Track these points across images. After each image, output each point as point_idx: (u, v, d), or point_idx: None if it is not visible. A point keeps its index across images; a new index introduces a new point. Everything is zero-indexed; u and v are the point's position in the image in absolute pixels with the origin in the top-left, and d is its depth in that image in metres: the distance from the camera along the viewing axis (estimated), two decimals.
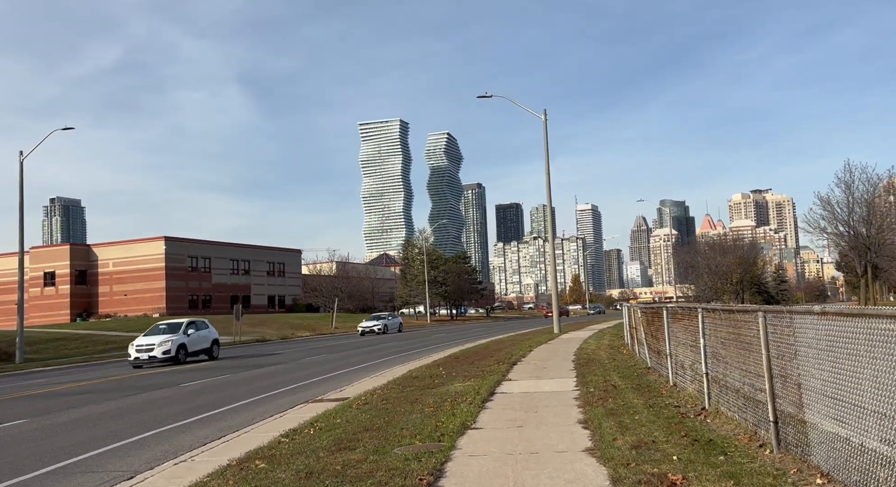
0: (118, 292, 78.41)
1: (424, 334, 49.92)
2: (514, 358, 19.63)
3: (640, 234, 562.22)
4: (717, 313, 8.31)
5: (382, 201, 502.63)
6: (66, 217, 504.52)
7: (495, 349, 24.18)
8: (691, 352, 9.97)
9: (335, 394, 14.75)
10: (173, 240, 79.16)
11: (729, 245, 73.77)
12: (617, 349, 21.25)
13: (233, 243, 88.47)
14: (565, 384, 13.50)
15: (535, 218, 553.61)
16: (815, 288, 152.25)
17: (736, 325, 7.35)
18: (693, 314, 9.59)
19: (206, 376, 21.77)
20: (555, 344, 25.95)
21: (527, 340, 29.74)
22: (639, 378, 13.08)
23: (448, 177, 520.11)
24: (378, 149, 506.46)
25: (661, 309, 11.78)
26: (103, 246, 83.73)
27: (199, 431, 11.36)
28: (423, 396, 12.63)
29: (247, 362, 27.95)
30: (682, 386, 10.72)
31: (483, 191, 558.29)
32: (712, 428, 7.80)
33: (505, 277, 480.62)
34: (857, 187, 42.22)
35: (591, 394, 11.40)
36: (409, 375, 16.81)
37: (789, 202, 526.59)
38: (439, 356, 23.49)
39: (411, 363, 21.65)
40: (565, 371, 15.84)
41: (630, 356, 17.80)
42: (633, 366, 15.44)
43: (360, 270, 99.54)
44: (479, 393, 12.36)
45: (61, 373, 28.40)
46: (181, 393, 17.10)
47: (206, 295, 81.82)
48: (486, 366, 17.73)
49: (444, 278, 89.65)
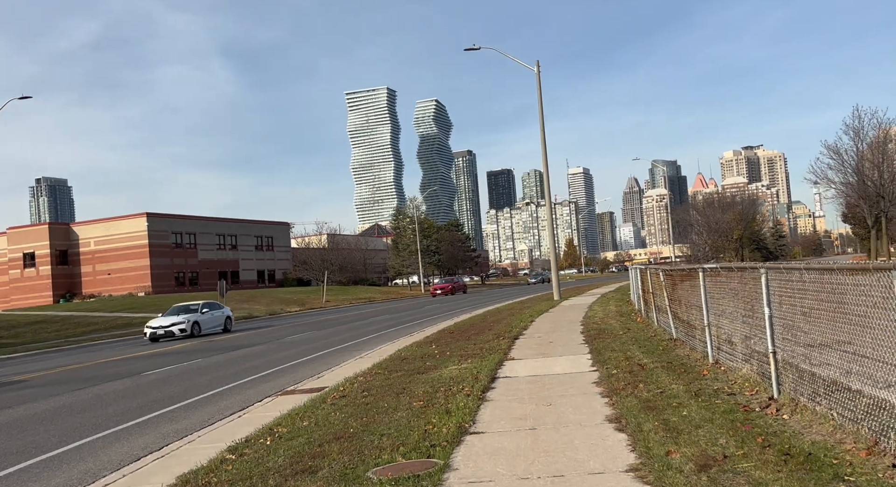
0: (101, 271, 76.05)
1: (417, 304, 48.01)
2: (514, 331, 17.63)
3: (632, 196, 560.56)
4: (794, 273, 6.19)
5: (372, 171, 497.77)
6: (52, 197, 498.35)
7: (493, 321, 22.20)
8: (744, 324, 7.91)
9: (311, 382, 12.72)
10: (156, 216, 76.56)
11: (728, 201, 71.78)
12: (628, 316, 19.27)
13: (218, 218, 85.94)
14: (579, 362, 11.48)
15: (527, 184, 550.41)
16: (811, 243, 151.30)
17: (838, 290, 5.24)
18: (747, 276, 7.51)
19: (176, 361, 19.72)
20: (557, 313, 23.99)
21: (526, 309, 27.80)
22: (666, 354, 11.06)
23: (438, 145, 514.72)
24: (366, 119, 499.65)
25: (697, 271, 9.70)
26: (84, 225, 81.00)
27: (137, 439, 9.31)
28: (411, 384, 10.59)
29: (227, 342, 25.92)
30: (729, 366, 8.68)
31: (474, 158, 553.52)
32: (797, 431, 5.76)
33: (499, 243, 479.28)
34: (867, 133, 40.16)
35: (615, 376, 9.37)
36: (398, 355, 14.79)
37: (781, 158, 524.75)
38: (432, 330, 21.50)
39: (401, 340, 19.64)
40: (576, 346, 13.83)
41: (646, 325, 15.81)
42: (653, 338, 13.43)
43: (350, 241, 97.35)
44: (477, 379, 10.33)
45: (31, 360, 26.34)
46: (139, 385, 15.05)
47: (193, 272, 79.55)
48: (484, 342, 15.72)
49: (437, 246, 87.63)
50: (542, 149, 31.40)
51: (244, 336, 28.53)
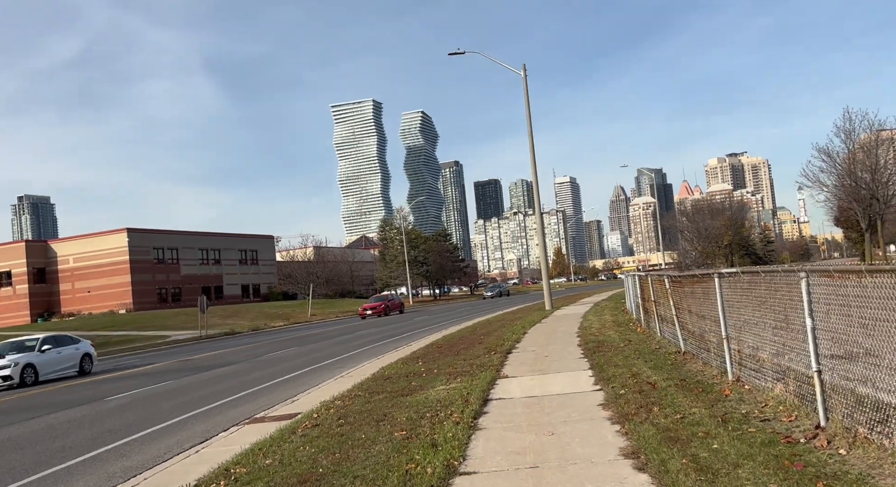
0: (81, 289, 74.16)
1: (405, 317, 46.76)
2: (506, 344, 16.50)
3: (618, 204, 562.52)
4: (848, 277, 5.13)
5: (359, 183, 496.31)
6: (35, 215, 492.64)
7: (483, 333, 21.06)
8: (775, 337, 6.84)
9: (284, 407, 11.51)
10: (136, 231, 74.90)
11: (717, 207, 71.23)
12: (626, 326, 18.20)
13: (201, 232, 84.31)
14: (580, 380, 10.37)
15: (514, 193, 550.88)
16: (799, 247, 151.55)
17: None
18: (779, 281, 6.45)
19: (143, 384, 18.40)
20: (550, 323, 22.89)
21: (517, 319, 26.67)
22: (677, 369, 9.97)
23: (425, 156, 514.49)
24: (352, 131, 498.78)
25: (710, 277, 8.63)
26: (62, 241, 79.12)
27: (77, 482, 8.09)
28: (393, 409, 9.43)
29: (202, 361, 24.59)
30: (755, 385, 7.60)
31: (461, 169, 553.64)
32: (864, 473, 4.66)
33: (487, 253, 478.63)
34: (859, 135, 39.57)
35: (623, 398, 8.26)
36: (381, 374, 13.61)
37: (765, 164, 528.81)
38: (420, 344, 20.32)
39: (387, 355, 18.45)
40: (574, 360, 12.72)
41: (648, 337, 14.73)
42: (657, 350, 12.35)
43: (336, 254, 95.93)
44: (468, 402, 9.18)
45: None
46: (98, 412, 13.76)
47: (175, 288, 77.84)
48: (474, 357, 14.57)
49: (425, 257, 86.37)
50: (531, 152, 30.42)
51: (221, 355, 27.19)
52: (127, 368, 25.25)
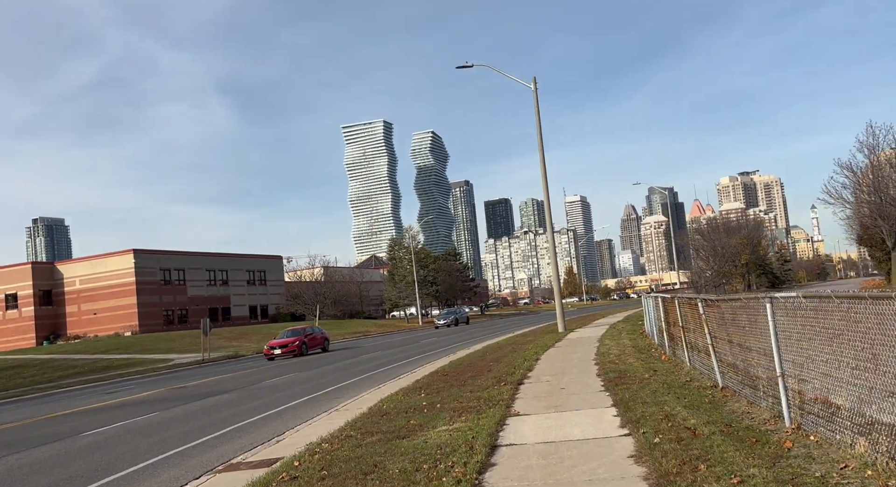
0: (87, 311, 73.32)
1: (413, 338, 45.32)
2: (517, 373, 15.11)
3: (629, 223, 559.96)
4: None
5: (370, 203, 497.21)
6: (49, 237, 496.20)
7: (493, 359, 19.65)
8: (855, 378, 5.47)
9: (266, 450, 10.18)
10: (143, 252, 74.13)
11: (733, 225, 69.55)
12: (647, 352, 16.76)
13: (208, 253, 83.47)
14: (603, 420, 8.98)
15: (525, 213, 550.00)
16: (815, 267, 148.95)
17: None
18: (867, 310, 5.09)
19: (128, 415, 17.10)
20: (564, 348, 21.45)
21: (529, 342, 25.26)
22: (717, 410, 8.56)
23: (435, 176, 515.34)
24: (363, 151, 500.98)
25: (761, 301, 7.26)
26: (69, 263, 78.56)
27: None
28: (386, 457, 8.08)
29: (197, 389, 23.29)
30: (825, 436, 6.20)
31: (471, 188, 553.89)
32: None
33: (498, 273, 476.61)
34: (883, 149, 38.12)
35: (659, 448, 6.88)
36: (379, 409, 12.25)
37: (777, 183, 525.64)
38: (424, 371, 18.95)
39: (388, 384, 17.08)
40: (594, 394, 11.32)
41: (675, 366, 13.30)
42: (689, 384, 10.93)
43: (345, 274, 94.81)
44: (473, 449, 7.82)
45: None
46: (68, 451, 12.46)
47: (182, 309, 76.81)
48: (482, 389, 13.19)
49: (435, 277, 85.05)
50: (542, 166, 29.17)
51: (219, 381, 25.89)
52: (119, 395, 24.00)
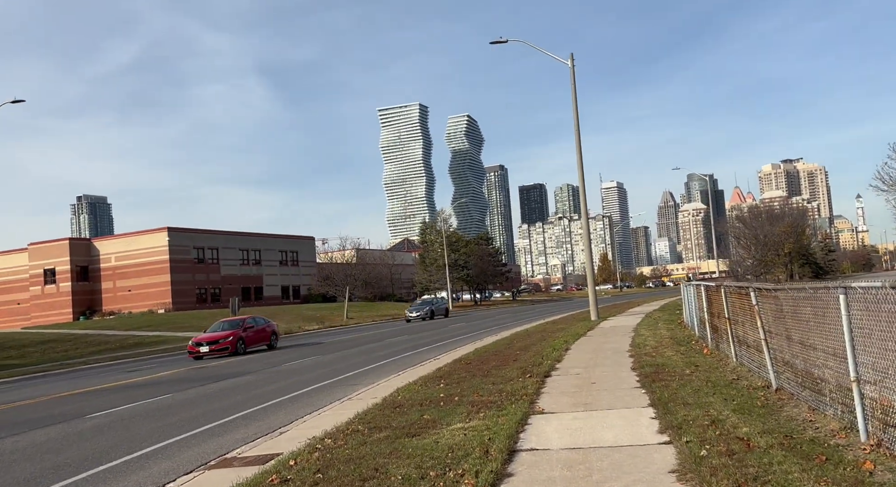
0: (122, 287, 74.28)
1: (441, 324, 44.54)
2: (545, 364, 14.08)
3: (667, 210, 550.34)
4: None
5: (404, 186, 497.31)
6: (93, 215, 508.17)
7: (520, 348, 18.64)
8: None
9: (266, 443, 9.37)
10: (177, 231, 74.64)
11: (776, 213, 66.98)
12: (687, 345, 15.56)
13: (241, 233, 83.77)
14: (639, 422, 7.92)
15: (560, 198, 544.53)
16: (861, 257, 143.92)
17: None
18: None
19: (141, 396, 16.57)
20: (597, 337, 20.32)
21: (559, 330, 24.17)
22: (772, 415, 7.44)
23: (470, 160, 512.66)
24: (398, 134, 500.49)
25: (833, 292, 6.11)
26: (105, 240, 79.63)
27: None
28: (390, 460, 7.16)
29: (217, 370, 22.80)
30: None
31: (506, 173, 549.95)
32: None
33: (531, 258, 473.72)
34: None
35: (706, 463, 5.82)
36: (393, 400, 11.37)
37: (821, 171, 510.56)
38: (448, 358, 18.04)
39: (408, 372, 16.22)
40: (628, 391, 10.24)
41: (718, 361, 12.12)
42: (736, 382, 9.78)
43: (377, 256, 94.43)
44: (487, 455, 6.86)
45: (4, 389, 23.57)
46: (67, 435, 11.87)
47: (215, 288, 77.32)
48: (505, 380, 12.20)
49: (466, 261, 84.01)
50: (577, 148, 27.83)
51: (239, 361, 25.41)
52: (140, 374, 23.65)
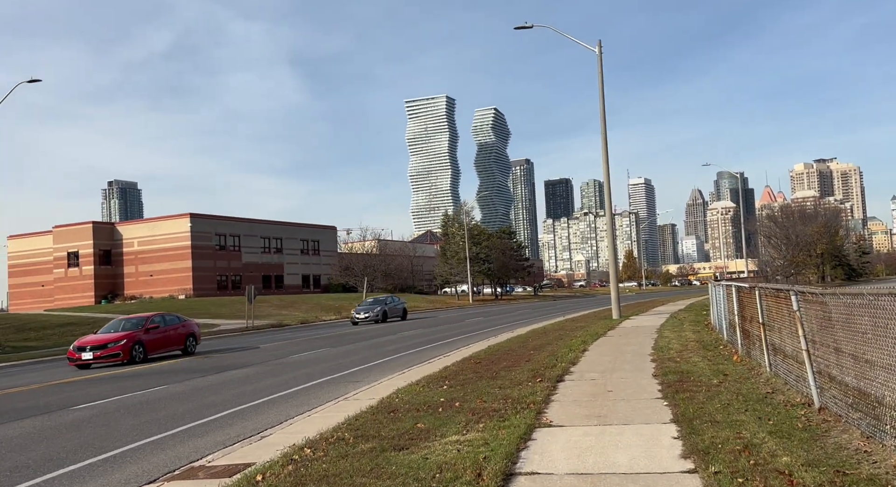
0: (144, 272, 74.53)
1: (458, 317, 43.57)
2: (559, 367, 13.03)
3: (695, 208, 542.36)
4: None
5: (429, 179, 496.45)
6: (123, 200, 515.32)
7: (535, 347, 17.59)
8: None
9: (240, 451, 8.48)
10: (199, 217, 74.63)
11: (809, 212, 64.76)
12: (714, 350, 14.38)
13: (263, 220, 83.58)
14: (659, 445, 6.87)
15: (586, 193, 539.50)
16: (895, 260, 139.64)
17: None
18: None
19: (134, 388, 15.87)
20: (617, 338, 19.18)
21: (578, 329, 23.06)
22: (816, 441, 6.34)
23: (496, 153, 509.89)
24: (425, 126, 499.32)
25: (891, 296, 5.00)
26: (128, 224, 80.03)
27: None
28: (369, 480, 6.21)
29: (221, 360, 22.12)
30: None
31: (531, 167, 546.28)
32: None
33: (555, 253, 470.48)
34: None
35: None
36: (389, 403, 10.42)
37: (856, 171, 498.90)
38: (457, 356, 17.07)
39: (414, 369, 15.28)
40: (648, 402, 9.17)
41: (749, 369, 10.98)
42: (771, 397, 8.65)
43: (398, 247, 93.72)
44: (479, 478, 5.87)
45: (7, 373, 23.17)
46: (43, 429, 11.14)
47: (236, 275, 77.24)
48: (514, 384, 11.19)
49: (488, 254, 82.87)
50: (603, 138, 26.59)
51: (247, 353, 24.73)
52: (144, 361, 23.06)
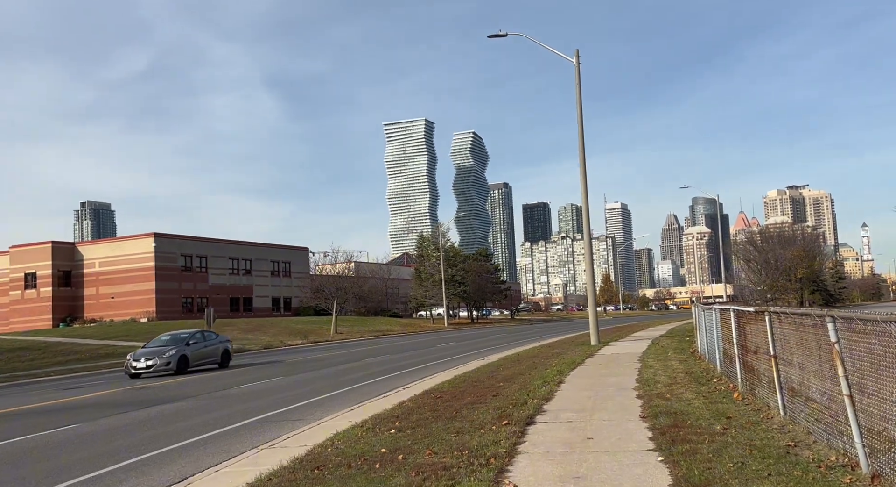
0: (105, 294, 71.41)
1: (430, 341, 41.56)
2: (530, 403, 11.19)
3: (671, 233, 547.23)
4: None
5: (408, 201, 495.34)
6: (96, 221, 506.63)
7: (505, 378, 15.74)
8: None
9: None
10: (164, 237, 71.94)
11: (788, 236, 64.07)
12: (708, 383, 12.63)
13: (232, 241, 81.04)
14: None
15: (563, 217, 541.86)
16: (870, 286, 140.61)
17: None
18: None
19: (46, 425, 13.71)
20: (596, 368, 17.39)
21: (555, 356, 21.26)
22: None
23: (474, 177, 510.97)
24: (403, 149, 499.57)
25: None
26: (89, 244, 77.05)
27: None
28: None
29: (160, 391, 19.91)
30: None
31: (510, 190, 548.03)
32: None
33: (532, 277, 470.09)
34: None
35: None
36: (318, 456, 8.48)
37: (827, 198, 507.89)
38: (419, 388, 15.15)
39: (365, 404, 13.32)
40: (638, 458, 7.35)
41: (755, 410, 9.23)
42: (795, 452, 6.91)
43: (372, 269, 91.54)
44: None
45: None
46: None
47: (202, 297, 74.34)
48: (474, 429, 9.31)
49: (464, 276, 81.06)
50: (581, 156, 25.10)
51: (193, 381, 22.51)
52: (76, 392, 20.77)
